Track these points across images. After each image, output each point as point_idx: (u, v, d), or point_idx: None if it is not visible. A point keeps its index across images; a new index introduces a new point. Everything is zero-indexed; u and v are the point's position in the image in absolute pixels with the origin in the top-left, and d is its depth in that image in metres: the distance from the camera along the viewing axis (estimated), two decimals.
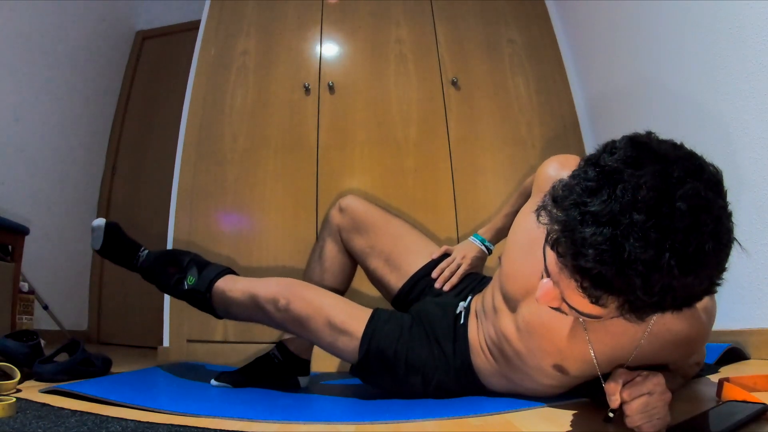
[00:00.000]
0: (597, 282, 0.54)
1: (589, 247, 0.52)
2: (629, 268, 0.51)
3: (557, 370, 0.85)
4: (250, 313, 1.14)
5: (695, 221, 0.51)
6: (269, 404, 1.03)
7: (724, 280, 0.56)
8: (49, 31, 2.51)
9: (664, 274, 0.51)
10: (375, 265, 1.29)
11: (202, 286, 1.18)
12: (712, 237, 0.52)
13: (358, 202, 1.32)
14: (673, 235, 0.50)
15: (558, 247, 0.57)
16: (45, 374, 1.20)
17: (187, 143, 1.98)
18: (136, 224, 2.83)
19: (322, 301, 1.07)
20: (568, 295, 0.61)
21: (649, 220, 0.50)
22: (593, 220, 0.52)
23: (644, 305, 0.55)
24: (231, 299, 1.15)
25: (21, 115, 2.31)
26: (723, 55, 1.30)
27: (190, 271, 1.21)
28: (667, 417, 0.65)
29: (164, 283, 1.23)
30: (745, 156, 1.24)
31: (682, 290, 0.53)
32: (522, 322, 0.88)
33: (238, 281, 1.17)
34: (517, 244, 0.93)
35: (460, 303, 1.10)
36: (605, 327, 0.75)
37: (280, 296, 1.07)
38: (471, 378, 1.00)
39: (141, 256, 1.29)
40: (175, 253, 1.27)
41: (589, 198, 0.54)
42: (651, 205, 0.51)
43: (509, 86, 2.11)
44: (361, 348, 1.02)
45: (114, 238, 1.29)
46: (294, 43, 2.15)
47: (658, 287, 0.52)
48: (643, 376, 0.66)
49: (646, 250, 0.50)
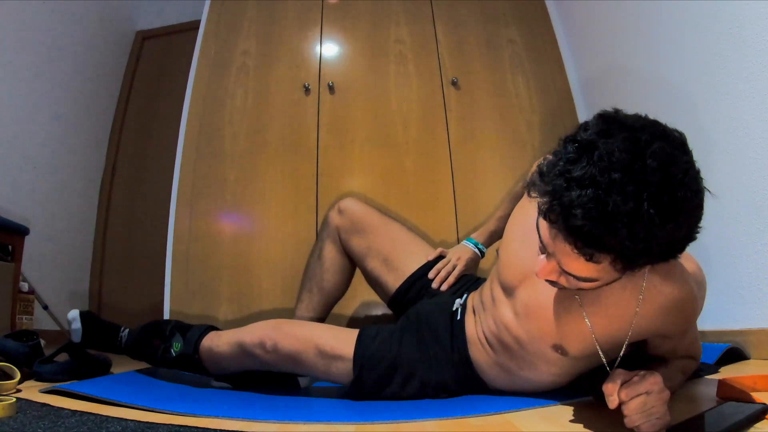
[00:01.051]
0: (589, 239, 0.60)
1: (577, 207, 0.58)
2: (615, 221, 0.57)
3: (557, 351, 0.86)
4: (241, 363, 1.13)
5: (665, 174, 0.58)
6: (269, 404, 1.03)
7: (701, 228, 0.62)
8: (49, 31, 2.51)
9: (645, 222, 0.57)
10: (372, 265, 1.31)
11: (188, 349, 1.16)
12: (683, 186, 0.58)
13: (356, 204, 1.36)
14: (647, 188, 0.57)
15: (550, 215, 0.62)
16: (45, 374, 1.20)
17: (187, 143, 1.98)
18: (136, 224, 2.85)
19: (307, 332, 1.07)
20: (565, 263, 0.66)
21: (625, 176, 0.57)
22: (577, 184, 0.59)
23: (633, 254, 0.61)
24: (219, 354, 1.14)
25: (21, 116, 2.31)
26: (723, 54, 1.30)
27: (174, 338, 1.19)
28: (667, 416, 0.65)
29: (152, 357, 1.21)
30: (745, 156, 1.23)
31: (665, 236, 0.59)
32: (520, 307, 0.90)
33: (222, 335, 1.16)
34: (514, 235, 0.97)
35: (456, 300, 1.12)
36: (600, 299, 0.79)
37: (266, 338, 1.07)
38: (470, 373, 1.01)
39: (123, 336, 1.27)
40: (156, 324, 1.25)
41: (571, 166, 0.60)
42: (625, 165, 0.57)
43: (509, 86, 2.11)
44: (354, 368, 1.02)
45: (92, 325, 1.27)
46: (294, 43, 2.15)
47: (643, 235, 0.58)
48: (641, 376, 0.66)
49: (626, 203, 0.57)
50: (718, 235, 1.31)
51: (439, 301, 1.15)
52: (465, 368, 1.01)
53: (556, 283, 0.73)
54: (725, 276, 1.30)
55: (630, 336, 0.79)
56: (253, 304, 1.81)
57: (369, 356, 1.02)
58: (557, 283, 0.72)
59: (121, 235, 2.88)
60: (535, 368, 0.91)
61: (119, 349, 1.28)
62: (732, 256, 1.29)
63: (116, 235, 2.89)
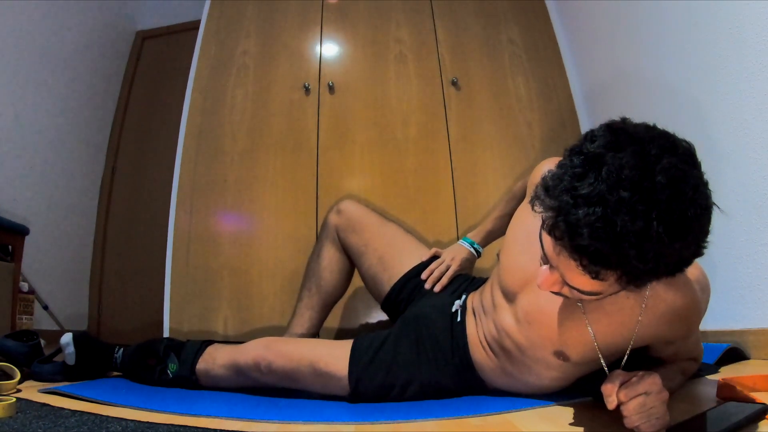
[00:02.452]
0: (595, 258, 0.58)
1: (584, 227, 0.56)
2: (623, 241, 0.56)
3: (559, 358, 0.85)
4: (239, 383, 1.12)
5: (675, 191, 0.56)
6: (269, 404, 1.03)
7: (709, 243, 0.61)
8: (49, 31, 2.51)
9: (654, 242, 0.56)
10: (369, 263, 1.32)
11: (185, 372, 1.15)
12: (693, 204, 0.57)
13: (354, 205, 1.38)
14: (657, 206, 0.55)
15: (555, 231, 0.60)
16: (43, 374, 1.20)
17: (187, 143, 1.98)
18: (136, 224, 2.85)
19: (301, 351, 1.06)
20: (569, 277, 0.65)
21: (635, 195, 0.55)
22: (584, 202, 0.57)
23: (640, 273, 0.60)
24: (216, 377, 1.13)
25: (21, 115, 2.31)
26: (723, 54, 1.30)
27: (169, 358, 1.18)
28: (666, 416, 0.65)
29: (149, 378, 1.20)
30: (745, 156, 1.23)
31: (673, 255, 0.58)
32: (521, 313, 0.89)
33: (218, 356, 1.14)
34: (515, 239, 0.96)
35: (456, 301, 1.11)
36: (603, 307, 0.78)
37: (260, 359, 1.06)
38: (471, 375, 1.01)
39: (117, 357, 1.26)
40: (149, 344, 1.24)
41: (578, 182, 0.58)
42: (634, 182, 0.55)
43: (509, 86, 2.11)
44: (350, 383, 1.01)
45: (86, 348, 1.26)
46: (294, 43, 2.15)
47: (651, 255, 0.57)
48: (639, 377, 0.66)
49: (635, 222, 0.55)
50: (718, 235, 1.31)
51: (437, 302, 1.14)
52: (466, 371, 1.01)
53: (558, 293, 0.72)
54: (725, 276, 1.30)
55: (633, 343, 0.79)
56: (253, 304, 1.81)
57: (363, 369, 1.01)
58: (560, 293, 0.71)
59: (121, 235, 2.88)
60: (536, 373, 0.91)
61: (115, 369, 1.27)
62: (732, 256, 1.29)
63: (116, 235, 2.89)
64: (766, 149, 1.18)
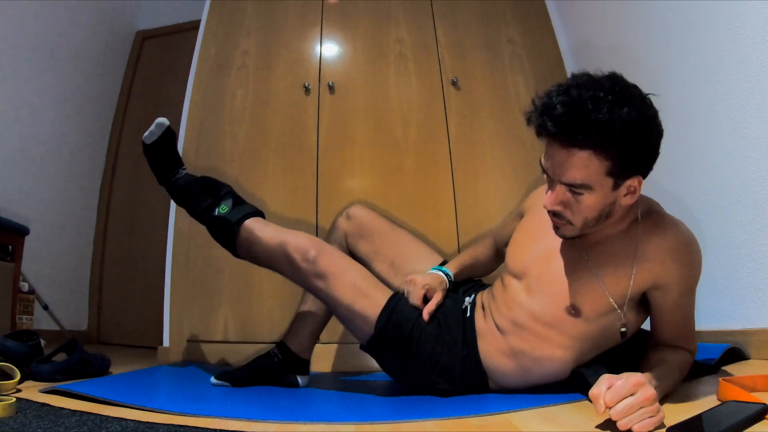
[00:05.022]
0: (569, 123, 0.79)
1: (557, 103, 0.81)
2: (583, 104, 0.79)
3: (571, 314, 0.93)
4: (272, 259, 1.16)
5: (613, 81, 0.83)
6: (269, 404, 1.03)
7: (662, 129, 0.84)
8: (49, 31, 2.51)
9: (605, 105, 0.78)
10: (380, 268, 1.33)
11: (233, 217, 1.19)
12: (626, 85, 0.83)
13: (364, 210, 1.39)
14: (601, 84, 0.81)
15: (539, 120, 0.83)
16: (43, 374, 1.20)
17: (187, 143, 1.98)
18: (137, 224, 2.84)
19: (350, 265, 1.13)
20: (561, 173, 0.83)
21: (587, 83, 0.82)
22: (556, 94, 0.83)
23: (610, 146, 0.79)
24: (258, 239, 1.16)
25: (21, 115, 2.31)
26: (723, 54, 1.30)
27: (225, 200, 1.22)
28: (660, 414, 0.66)
29: (195, 205, 1.24)
30: (745, 156, 1.23)
31: (624, 118, 0.78)
32: (533, 281, 1.00)
33: (270, 225, 1.20)
34: (523, 234, 1.10)
35: (466, 299, 1.17)
36: (605, 251, 0.93)
37: (310, 247, 1.11)
38: (475, 368, 1.05)
39: (180, 172, 1.31)
40: (214, 181, 1.29)
41: (552, 90, 0.84)
42: (586, 80, 0.83)
43: (509, 86, 2.11)
44: (381, 317, 1.07)
45: (166, 143, 1.30)
46: (294, 43, 2.15)
47: (606, 110, 0.78)
48: (624, 379, 0.68)
49: (588, 91, 0.80)
50: (718, 235, 1.31)
51: (454, 295, 1.20)
52: (472, 362, 1.05)
53: (562, 216, 0.88)
54: (725, 276, 1.30)
55: (632, 283, 0.89)
56: (254, 304, 1.81)
57: (398, 313, 1.08)
58: (563, 216, 0.88)
59: (121, 235, 2.88)
60: (549, 341, 0.96)
61: (167, 181, 1.32)
62: (732, 256, 1.29)
63: (116, 234, 2.89)
64: (766, 149, 1.18)
